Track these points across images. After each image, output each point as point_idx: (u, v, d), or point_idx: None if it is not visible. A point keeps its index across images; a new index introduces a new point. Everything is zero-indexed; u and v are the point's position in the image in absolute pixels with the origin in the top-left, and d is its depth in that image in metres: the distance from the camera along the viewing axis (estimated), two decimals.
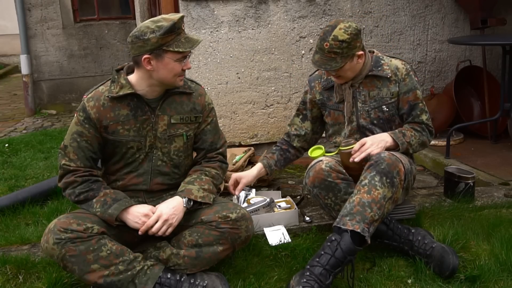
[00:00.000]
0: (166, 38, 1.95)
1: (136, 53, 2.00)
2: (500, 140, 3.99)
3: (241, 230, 2.07)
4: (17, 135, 5.28)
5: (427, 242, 2.23)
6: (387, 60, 2.44)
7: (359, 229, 2.05)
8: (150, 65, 2.00)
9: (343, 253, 2.02)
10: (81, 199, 2.05)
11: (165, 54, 1.98)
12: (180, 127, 2.17)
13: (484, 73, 4.08)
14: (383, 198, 2.11)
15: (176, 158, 2.20)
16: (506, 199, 2.86)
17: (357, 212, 2.09)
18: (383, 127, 2.44)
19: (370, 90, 2.42)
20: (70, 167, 2.06)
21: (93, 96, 2.10)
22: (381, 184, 2.12)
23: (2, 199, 2.94)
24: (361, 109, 2.43)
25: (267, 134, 3.88)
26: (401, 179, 2.17)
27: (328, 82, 2.51)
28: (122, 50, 6.91)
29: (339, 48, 2.23)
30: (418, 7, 4.07)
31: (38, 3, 6.45)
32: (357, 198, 2.12)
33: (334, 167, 2.27)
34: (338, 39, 2.23)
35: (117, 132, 2.10)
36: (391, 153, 2.20)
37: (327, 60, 2.27)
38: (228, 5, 3.60)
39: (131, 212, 2.03)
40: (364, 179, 2.16)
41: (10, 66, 10.41)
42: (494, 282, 2.12)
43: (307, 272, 2.01)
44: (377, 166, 2.15)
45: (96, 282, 1.94)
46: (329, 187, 2.26)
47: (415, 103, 2.42)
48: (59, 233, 1.90)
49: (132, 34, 2.00)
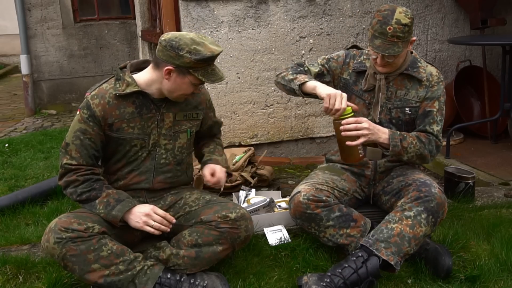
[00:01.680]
0: (198, 64, 1.98)
1: (163, 59, 2.00)
2: (500, 140, 3.99)
3: (240, 230, 2.07)
4: (17, 135, 5.28)
5: (421, 245, 2.22)
6: (424, 64, 2.34)
7: (393, 262, 2.04)
8: (169, 76, 2.01)
9: (367, 273, 2.02)
10: (83, 199, 2.05)
11: (188, 75, 2.01)
12: (184, 124, 2.21)
13: (484, 73, 4.08)
14: (423, 236, 2.11)
15: (180, 154, 2.22)
16: (506, 199, 2.86)
17: (395, 243, 2.06)
18: (400, 129, 2.33)
19: (399, 88, 2.32)
20: (72, 165, 2.06)
21: (97, 94, 2.09)
22: (426, 222, 2.09)
23: (2, 199, 2.94)
24: (384, 105, 2.33)
25: (267, 134, 3.88)
26: (443, 218, 2.16)
27: (361, 66, 2.36)
28: (122, 50, 6.91)
29: (402, 32, 2.10)
30: (418, 7, 4.07)
31: (38, 3, 6.45)
32: (398, 228, 2.09)
33: (312, 198, 2.19)
34: (401, 23, 2.09)
35: (122, 130, 2.10)
36: (440, 191, 2.15)
37: (389, 45, 2.11)
38: (228, 5, 3.60)
39: (133, 212, 2.03)
40: (409, 210, 2.11)
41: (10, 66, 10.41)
42: (494, 282, 2.12)
43: (327, 279, 2.01)
44: (427, 202, 2.10)
45: (96, 281, 1.94)
46: (310, 218, 2.21)
47: (431, 110, 2.29)
48: (60, 233, 1.90)
49: (169, 38, 1.98)
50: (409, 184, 2.23)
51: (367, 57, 2.37)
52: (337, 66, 2.41)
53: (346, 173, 2.41)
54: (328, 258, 2.29)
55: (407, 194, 2.18)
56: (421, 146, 2.24)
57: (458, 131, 4.03)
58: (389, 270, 2.10)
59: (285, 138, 3.93)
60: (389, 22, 2.10)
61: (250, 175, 3.18)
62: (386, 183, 2.36)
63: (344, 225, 2.20)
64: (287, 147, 3.99)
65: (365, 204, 2.47)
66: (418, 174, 2.30)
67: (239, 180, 3.11)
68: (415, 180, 2.22)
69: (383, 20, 2.11)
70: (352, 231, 2.20)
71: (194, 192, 2.25)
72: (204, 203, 2.16)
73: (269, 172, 3.29)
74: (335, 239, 2.21)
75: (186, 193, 2.24)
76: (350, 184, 2.38)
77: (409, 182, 2.24)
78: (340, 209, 2.22)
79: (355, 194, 2.40)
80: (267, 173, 3.27)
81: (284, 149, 3.99)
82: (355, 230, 2.20)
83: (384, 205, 2.37)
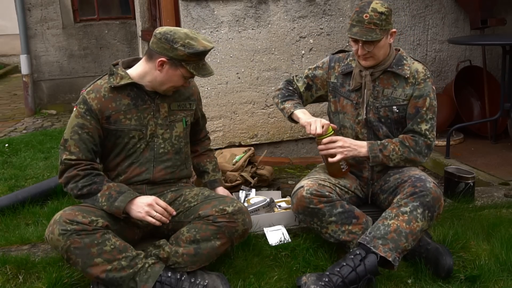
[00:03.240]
0: (191, 58, 2.06)
1: (157, 51, 2.07)
2: (500, 140, 3.99)
3: (238, 224, 2.08)
4: (17, 135, 5.28)
5: (422, 244, 2.23)
6: (410, 62, 2.36)
7: (391, 258, 2.05)
8: (161, 67, 2.09)
9: (365, 270, 2.02)
10: (84, 193, 2.07)
11: (180, 68, 2.08)
12: (179, 114, 2.28)
13: (484, 73, 4.08)
14: (420, 230, 2.11)
15: (177, 143, 2.27)
16: (506, 199, 2.86)
17: (392, 239, 2.07)
18: (390, 127, 2.37)
19: (385, 87, 2.35)
20: (72, 161, 2.08)
21: (92, 89, 2.15)
22: (423, 217, 2.10)
23: (2, 199, 2.94)
24: (372, 104, 2.36)
25: (267, 134, 3.88)
26: (440, 212, 2.16)
27: (347, 67, 2.42)
28: (122, 50, 6.90)
29: (379, 19, 2.19)
30: (418, 7, 4.07)
31: (38, 3, 6.44)
32: (394, 224, 2.09)
33: (316, 192, 2.21)
34: (378, 11, 2.20)
35: (119, 122, 2.15)
36: (435, 185, 2.16)
37: (366, 31, 2.20)
38: (228, 5, 3.60)
39: (135, 202, 2.06)
40: (405, 205, 2.12)
41: (10, 66, 10.40)
42: (494, 282, 2.12)
43: (326, 278, 2.02)
44: (422, 197, 2.11)
45: (98, 276, 1.95)
46: (313, 213, 2.22)
47: (419, 109, 2.31)
48: (65, 224, 1.92)
49: (163, 32, 2.06)
50: (404, 181, 2.24)
51: (353, 58, 2.42)
52: (323, 72, 2.51)
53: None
54: (328, 258, 2.29)
55: (402, 191, 2.19)
56: (404, 151, 2.30)
57: (458, 131, 4.03)
58: (387, 266, 2.10)
59: (285, 138, 3.93)
60: (366, 10, 2.21)
61: (250, 175, 3.18)
62: (383, 182, 2.38)
63: (346, 222, 2.21)
64: (287, 147, 3.99)
65: (364, 204, 2.47)
66: (414, 170, 2.31)
67: (239, 180, 3.11)
68: (410, 176, 2.24)
69: (360, 10, 2.23)
70: (354, 228, 2.21)
71: (194, 189, 2.29)
72: (203, 198, 2.19)
73: (269, 172, 3.29)
74: (337, 236, 2.22)
75: (186, 190, 2.28)
76: (351, 181, 2.40)
77: (404, 179, 2.26)
78: (343, 205, 2.23)
79: (356, 192, 2.41)
80: (267, 173, 3.27)
81: (284, 149, 3.99)
82: (357, 227, 2.21)
83: (382, 204, 2.38)
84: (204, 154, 2.56)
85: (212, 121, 3.69)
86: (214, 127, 3.72)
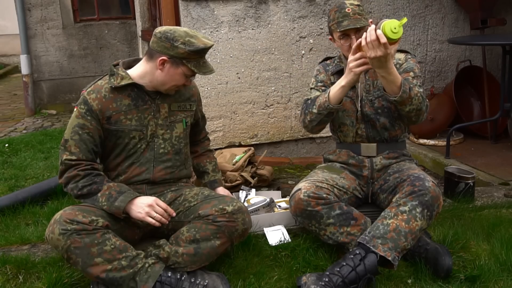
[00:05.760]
0: (191, 55, 2.07)
1: (158, 50, 2.08)
2: (500, 140, 3.99)
3: (237, 223, 2.08)
4: (17, 135, 5.28)
5: (421, 244, 2.23)
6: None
7: (390, 257, 2.05)
8: (163, 66, 2.09)
9: (365, 270, 2.02)
10: (84, 193, 2.07)
11: (181, 66, 2.09)
12: (179, 114, 2.28)
13: (484, 73, 4.08)
14: (420, 230, 2.11)
15: (177, 144, 2.28)
16: (506, 199, 2.86)
17: (391, 238, 2.07)
18: (387, 116, 2.39)
19: (375, 79, 2.39)
20: (72, 161, 2.09)
21: (93, 89, 2.16)
22: (422, 216, 2.10)
23: (2, 199, 2.94)
24: (365, 98, 2.40)
25: (267, 134, 3.88)
26: (439, 212, 2.16)
27: (337, 67, 2.48)
28: (122, 50, 6.90)
29: (360, 10, 2.32)
30: (418, 7, 4.07)
31: (38, 3, 6.44)
32: (394, 224, 2.09)
33: (313, 195, 2.20)
34: (355, 4, 2.33)
35: (120, 122, 2.16)
36: (434, 184, 2.16)
37: (356, 20, 2.29)
38: (228, 5, 3.60)
39: (135, 202, 2.06)
40: (404, 204, 2.12)
41: (10, 66, 10.41)
42: (494, 282, 2.12)
43: (326, 278, 2.02)
44: (421, 196, 2.11)
45: (98, 276, 1.94)
46: (310, 215, 2.22)
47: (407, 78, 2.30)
48: (65, 224, 1.92)
49: (163, 31, 2.08)
50: (403, 180, 2.24)
51: (340, 60, 2.49)
52: (324, 75, 2.55)
53: (345, 172, 2.43)
54: (328, 258, 2.29)
55: (401, 190, 2.19)
56: (423, 100, 2.22)
57: (458, 131, 4.03)
58: (387, 266, 2.10)
59: (285, 138, 3.93)
60: (345, 6, 2.32)
61: (250, 175, 3.18)
62: (383, 181, 2.38)
63: (344, 223, 2.21)
64: (287, 147, 3.99)
65: (364, 204, 2.47)
66: (413, 169, 2.32)
67: (239, 180, 3.11)
68: (409, 175, 2.24)
69: (339, 9, 2.33)
70: (353, 229, 2.20)
71: (194, 189, 2.29)
72: (203, 198, 2.19)
73: (269, 172, 3.30)
74: (336, 237, 2.22)
75: (185, 189, 2.28)
76: (349, 182, 2.40)
77: (403, 178, 2.26)
78: (341, 207, 2.22)
79: (355, 192, 2.40)
80: (267, 173, 3.27)
81: (284, 149, 3.99)
82: (356, 229, 2.21)
83: (382, 203, 2.38)
84: (204, 154, 2.57)
85: (212, 121, 3.69)
86: (214, 127, 3.73)
